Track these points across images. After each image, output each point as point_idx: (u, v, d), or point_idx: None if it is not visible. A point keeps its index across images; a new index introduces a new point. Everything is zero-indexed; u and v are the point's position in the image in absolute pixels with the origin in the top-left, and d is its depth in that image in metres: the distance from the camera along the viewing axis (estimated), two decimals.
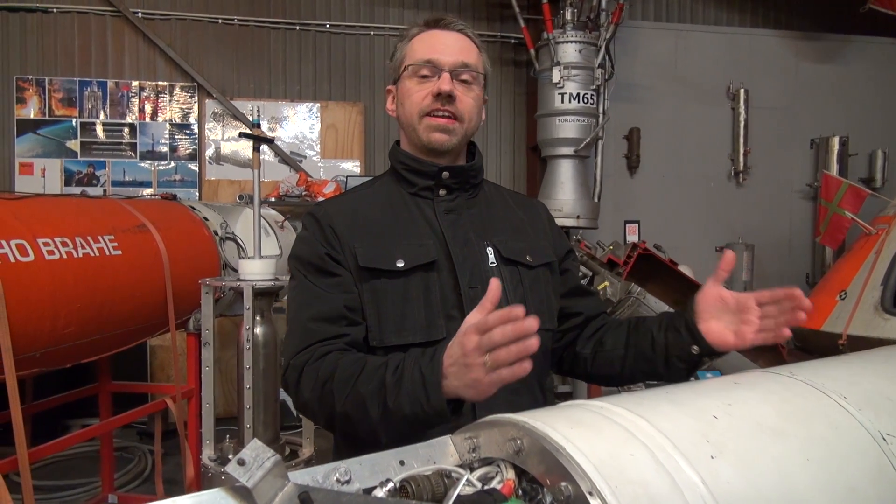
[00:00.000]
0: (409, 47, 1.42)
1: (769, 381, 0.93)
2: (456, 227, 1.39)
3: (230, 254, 3.90)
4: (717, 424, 0.77)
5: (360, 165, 6.36)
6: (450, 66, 1.36)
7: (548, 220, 1.60)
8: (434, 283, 1.34)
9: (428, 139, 1.38)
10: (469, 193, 1.44)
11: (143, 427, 5.17)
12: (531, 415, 0.75)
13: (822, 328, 5.01)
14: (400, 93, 1.43)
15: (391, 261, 1.32)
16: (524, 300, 1.37)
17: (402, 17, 6.51)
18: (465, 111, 1.38)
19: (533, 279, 1.42)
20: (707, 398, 0.84)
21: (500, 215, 1.48)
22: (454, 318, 1.32)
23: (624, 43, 6.50)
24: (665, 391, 0.87)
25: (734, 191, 7.03)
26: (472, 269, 1.36)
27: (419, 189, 1.42)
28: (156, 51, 6.09)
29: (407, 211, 1.40)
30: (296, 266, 1.41)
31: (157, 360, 5.64)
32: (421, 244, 1.35)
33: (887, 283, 4.77)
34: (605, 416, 0.75)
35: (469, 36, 1.43)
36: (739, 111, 6.87)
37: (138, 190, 6.01)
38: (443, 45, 1.38)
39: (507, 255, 1.41)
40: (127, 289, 3.11)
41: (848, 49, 7.14)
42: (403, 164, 1.43)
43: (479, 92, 1.41)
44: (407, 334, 1.31)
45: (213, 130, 6.20)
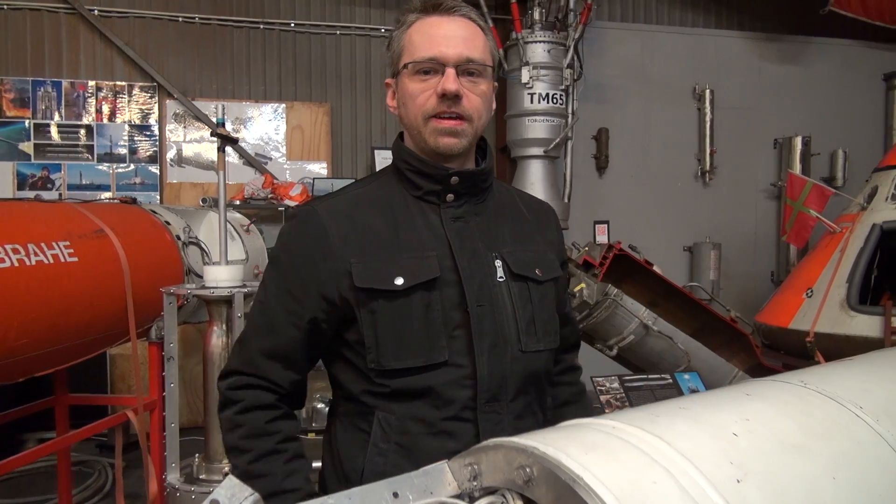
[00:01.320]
0: (406, 38, 1.27)
1: (782, 391, 0.88)
2: (463, 236, 1.27)
3: (193, 259, 3.75)
4: (739, 443, 0.71)
5: (328, 167, 6.24)
6: (454, 60, 1.23)
7: (557, 229, 1.50)
8: (437, 301, 1.23)
9: (436, 144, 1.25)
10: (478, 198, 1.32)
11: (103, 440, 4.98)
12: (539, 438, 0.68)
13: (790, 326, 5.06)
14: (401, 92, 1.29)
15: (389, 279, 1.21)
16: (532, 319, 1.29)
17: (369, 17, 6.42)
18: (473, 109, 1.26)
19: (542, 295, 1.33)
20: (722, 412, 0.78)
21: (510, 222, 1.37)
22: (457, 338, 1.23)
23: (591, 43, 6.51)
24: (677, 405, 0.80)
25: (701, 190, 7.09)
26: (480, 284, 1.25)
27: (425, 193, 1.29)
28: (113, 50, 5.89)
29: (409, 217, 1.28)
30: (269, 270, 1.34)
31: (117, 370, 5.44)
32: (424, 257, 1.24)
33: (852, 281, 4.84)
34: (620, 438, 0.68)
35: (473, 19, 1.28)
36: (705, 111, 6.93)
37: (96, 193, 5.79)
38: (445, 37, 1.24)
39: (518, 269, 1.30)
40: (84, 297, 2.96)
41: (809, 50, 7.26)
42: (408, 165, 1.30)
43: (486, 85, 1.28)
44: (406, 358, 1.22)
45: (175, 132, 6.02)
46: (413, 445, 1.22)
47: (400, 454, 1.22)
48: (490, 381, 1.23)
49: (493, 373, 1.23)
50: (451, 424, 1.22)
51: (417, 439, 1.22)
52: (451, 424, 1.22)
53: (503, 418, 1.24)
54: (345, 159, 6.37)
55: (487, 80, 1.29)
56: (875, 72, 7.38)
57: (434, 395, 1.22)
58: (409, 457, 1.20)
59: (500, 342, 1.25)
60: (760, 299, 6.55)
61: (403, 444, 1.22)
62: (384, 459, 1.22)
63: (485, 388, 1.22)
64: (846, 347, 4.64)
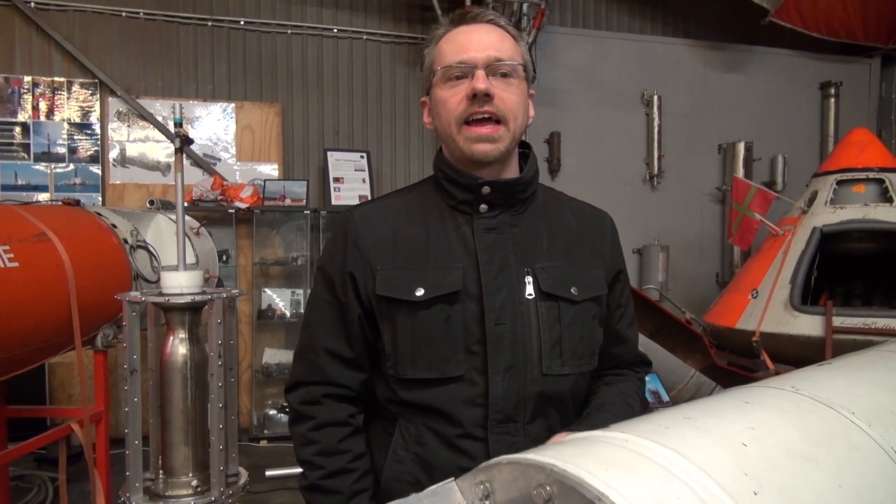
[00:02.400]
0: (437, 51, 1.26)
1: (777, 398, 0.88)
2: (494, 249, 1.24)
3: (142, 263, 3.61)
4: (750, 454, 0.71)
5: (279, 168, 6.11)
6: (483, 61, 1.20)
7: (611, 240, 1.40)
8: (457, 314, 1.21)
9: (470, 151, 1.22)
10: (515, 209, 1.28)
11: (42, 452, 4.74)
12: (553, 454, 0.66)
13: (737, 326, 5.23)
14: (434, 102, 1.27)
15: (410, 289, 1.21)
16: (559, 340, 1.24)
17: (321, 17, 6.32)
18: (508, 110, 1.22)
19: (575, 315, 1.26)
20: (728, 422, 0.77)
21: (551, 234, 1.30)
22: (476, 354, 1.20)
23: (543, 48, 6.57)
24: (681, 414, 0.80)
25: (649, 194, 7.25)
26: (504, 301, 1.21)
27: (458, 202, 1.27)
28: (51, 44, 5.63)
29: (442, 227, 1.26)
30: (316, 279, 1.36)
31: (56, 379, 5.21)
32: (450, 268, 1.22)
33: (795, 282, 5.03)
34: (635, 452, 0.67)
35: (502, 26, 1.27)
36: (653, 117, 7.08)
37: (33, 194, 5.53)
38: (473, 41, 1.22)
39: (548, 288, 1.24)
40: (25, 304, 2.80)
41: (751, 59, 7.51)
42: (443, 174, 1.29)
43: (520, 85, 1.25)
44: (422, 369, 1.21)
45: (118, 131, 5.79)
46: (429, 456, 1.23)
47: (416, 463, 1.23)
48: (504, 402, 1.20)
49: (509, 394, 1.20)
50: (464, 442, 1.21)
51: (434, 451, 1.23)
52: (464, 442, 1.21)
53: (518, 440, 1.21)
54: (296, 160, 6.25)
55: (521, 81, 1.25)
56: (812, 81, 7.70)
57: (448, 410, 1.21)
58: (425, 467, 1.23)
59: (520, 363, 1.21)
60: (706, 300, 6.74)
61: (420, 455, 1.24)
62: (401, 467, 1.24)
63: (497, 408, 1.20)
64: (790, 346, 4.81)
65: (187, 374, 2.36)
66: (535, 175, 1.32)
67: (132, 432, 2.27)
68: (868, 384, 0.97)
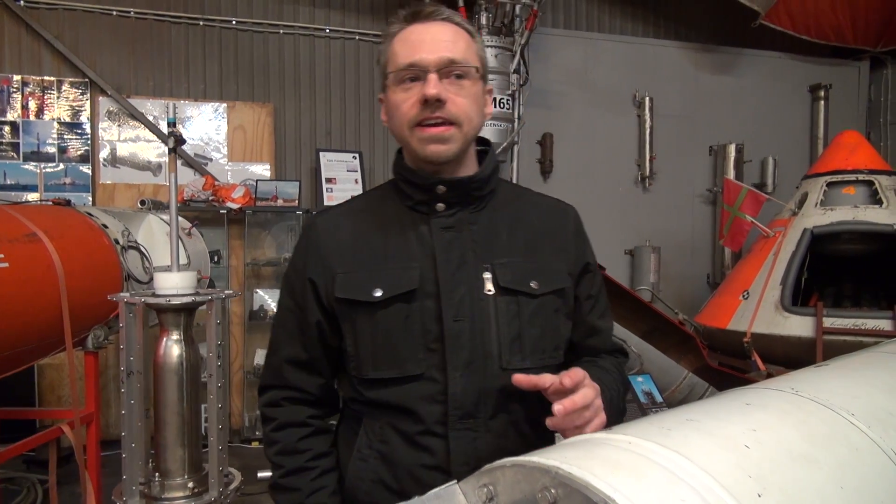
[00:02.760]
0: (390, 50, 1.26)
1: (778, 399, 0.88)
2: (452, 247, 1.25)
3: (133, 264, 3.59)
4: (752, 455, 0.71)
5: (271, 169, 6.08)
6: (435, 64, 1.20)
7: (574, 233, 1.39)
8: (416, 313, 1.22)
9: (423, 152, 1.23)
10: (473, 206, 1.29)
11: (31, 454, 4.70)
12: (557, 457, 0.65)
13: (728, 327, 5.25)
14: (388, 104, 1.28)
15: (368, 291, 1.23)
16: (519, 335, 1.24)
17: (313, 16, 6.30)
18: (461, 113, 1.22)
19: (535, 309, 1.26)
20: (729, 424, 0.78)
21: (511, 230, 1.31)
22: (435, 352, 1.21)
23: (536, 50, 6.58)
24: (683, 416, 0.80)
25: (641, 195, 7.27)
26: (462, 298, 1.22)
27: (415, 203, 1.29)
28: (41, 43, 5.58)
29: (400, 228, 1.28)
30: (283, 287, 1.39)
31: (45, 381, 5.16)
32: (406, 268, 1.24)
33: (786, 283, 5.05)
34: (639, 455, 0.67)
35: (456, 23, 1.26)
36: (645, 118, 7.11)
37: (22, 194, 5.48)
38: (425, 42, 1.22)
39: (506, 282, 1.24)
40: (16, 305, 2.78)
41: (742, 61, 7.55)
42: (401, 176, 1.31)
43: (474, 87, 1.25)
44: (383, 369, 1.23)
45: (109, 130, 5.75)
46: (392, 455, 1.24)
47: (380, 461, 1.25)
48: (463, 398, 1.21)
49: (468, 390, 1.21)
50: (425, 439, 1.22)
51: (396, 449, 1.24)
52: (425, 439, 1.22)
53: (479, 436, 1.21)
54: (288, 161, 6.23)
55: (474, 81, 1.25)
56: (801, 83, 7.75)
57: (409, 407, 1.22)
58: (388, 465, 1.24)
59: (479, 358, 1.21)
60: (697, 301, 6.77)
61: (383, 453, 1.25)
62: (365, 465, 1.26)
63: (457, 404, 1.20)
64: (781, 347, 4.84)
65: (183, 376, 2.34)
66: (492, 172, 1.33)
67: (129, 435, 2.25)
68: (865, 386, 0.98)
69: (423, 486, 1.19)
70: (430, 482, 1.19)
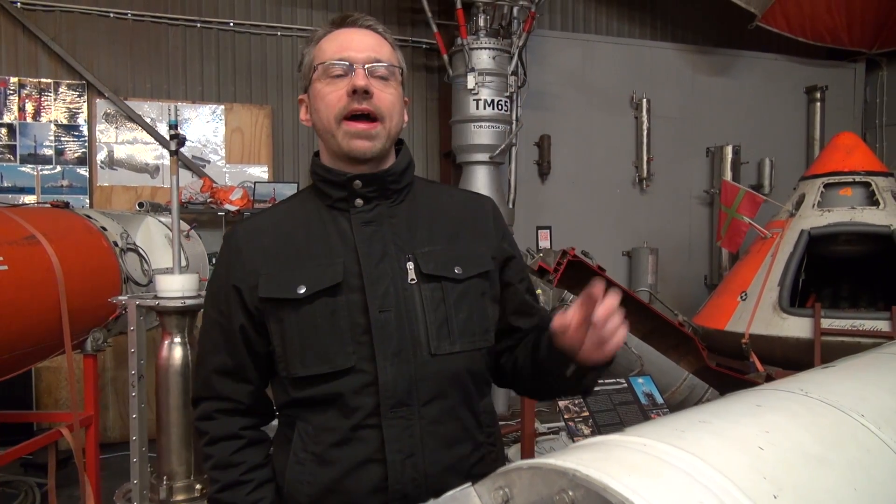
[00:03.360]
0: (317, 49, 1.30)
1: (788, 400, 0.89)
2: (373, 241, 1.27)
3: (132, 266, 3.58)
4: (766, 457, 0.71)
5: (269, 171, 6.08)
6: (363, 61, 1.25)
7: (493, 220, 1.42)
8: (342, 307, 1.24)
9: (349, 147, 1.26)
10: (391, 200, 1.32)
11: (29, 458, 4.67)
12: (575, 459, 0.65)
13: (726, 328, 5.26)
14: (312, 98, 1.30)
15: (292, 288, 1.24)
16: (446, 320, 1.26)
17: (311, 18, 6.30)
18: (385, 108, 1.26)
19: (461, 294, 1.29)
20: (742, 425, 0.78)
21: (431, 221, 1.34)
22: (364, 344, 1.22)
23: (534, 51, 6.59)
24: (696, 417, 0.80)
25: (638, 197, 7.28)
26: (386, 289, 1.24)
27: (334, 201, 1.31)
28: (38, 45, 5.56)
29: (322, 227, 1.30)
30: (206, 298, 1.40)
31: (43, 383, 5.14)
32: (329, 264, 1.25)
33: (784, 284, 5.07)
34: (655, 456, 0.67)
35: (380, 32, 1.32)
36: (642, 120, 7.12)
37: (18, 197, 5.46)
38: (353, 42, 1.27)
39: (428, 270, 1.27)
40: (14, 308, 2.77)
41: (738, 63, 7.58)
42: (318, 176, 1.33)
43: (397, 89, 1.30)
44: (311, 366, 1.23)
45: (106, 132, 5.73)
46: (326, 455, 1.24)
47: (316, 463, 1.24)
48: (395, 387, 1.22)
49: (399, 378, 1.22)
50: (359, 433, 1.23)
51: (329, 449, 1.24)
52: (359, 433, 1.23)
53: (413, 424, 1.22)
54: (286, 163, 6.23)
55: (397, 84, 1.30)
56: (798, 85, 7.78)
57: (341, 402, 1.23)
58: (324, 466, 1.24)
59: (407, 346, 1.23)
60: (694, 302, 6.78)
61: (318, 454, 1.24)
62: (302, 468, 1.25)
63: (388, 393, 1.22)
64: (779, 348, 4.85)
65: (188, 377, 2.34)
66: (407, 166, 1.35)
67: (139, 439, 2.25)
68: (873, 387, 0.98)
69: (361, 481, 1.21)
70: (368, 477, 1.21)
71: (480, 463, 1.30)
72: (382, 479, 1.21)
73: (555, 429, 3.89)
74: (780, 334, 4.86)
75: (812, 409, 0.86)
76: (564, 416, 2.70)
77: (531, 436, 3.16)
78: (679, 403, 3.63)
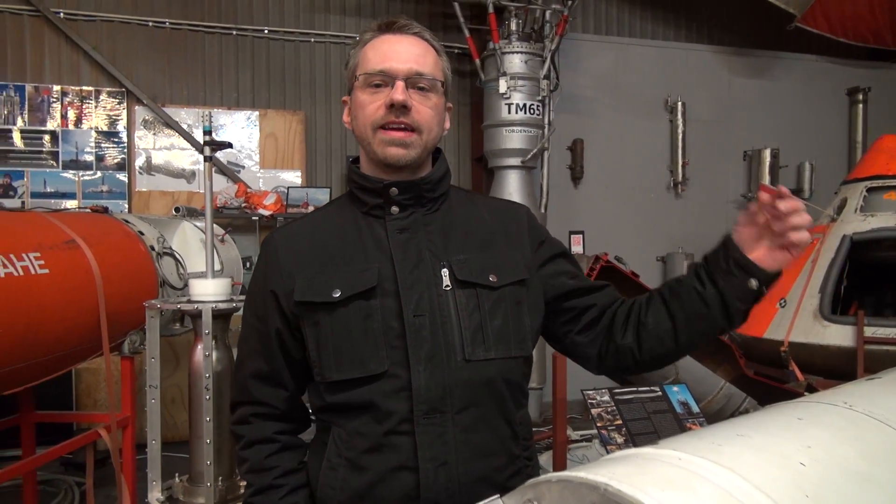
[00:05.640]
0: (361, 55, 1.31)
1: (831, 414, 0.85)
2: (408, 247, 1.28)
3: (168, 270, 3.64)
4: (808, 474, 0.68)
5: (302, 176, 6.14)
6: (404, 74, 1.26)
7: (529, 228, 1.41)
8: (376, 311, 1.24)
9: (384, 154, 1.27)
10: (427, 208, 1.32)
11: (69, 457, 4.78)
12: (607, 473, 0.63)
13: (764, 335, 5.13)
14: (353, 105, 1.32)
15: (327, 292, 1.25)
16: (481, 325, 1.25)
17: (343, 25, 6.36)
18: (423, 121, 1.27)
19: (496, 301, 1.28)
20: (783, 440, 0.75)
21: (466, 229, 1.34)
22: (397, 348, 1.22)
23: (566, 55, 6.55)
24: (734, 431, 0.77)
25: (673, 201, 7.18)
26: (421, 294, 1.24)
27: (370, 208, 1.32)
28: (80, 54, 5.72)
29: (357, 233, 1.31)
30: (245, 303, 1.42)
31: (83, 384, 5.25)
32: (364, 269, 1.26)
33: (825, 291, 4.93)
34: (691, 471, 0.65)
35: (426, 39, 1.32)
36: (677, 123, 7.02)
37: (60, 202, 5.61)
38: (396, 52, 1.27)
39: (463, 276, 1.27)
40: (55, 311, 2.84)
41: (777, 65, 7.42)
42: (355, 183, 1.34)
43: (437, 100, 1.30)
44: (345, 369, 1.23)
45: (144, 139, 5.86)
46: (359, 460, 1.23)
47: (349, 469, 1.24)
48: (428, 393, 1.21)
49: (432, 384, 1.21)
50: (392, 439, 1.22)
51: (362, 455, 1.23)
52: (392, 439, 1.22)
53: (447, 431, 1.21)
54: (319, 168, 6.29)
55: (438, 95, 1.30)
56: (839, 86, 7.59)
57: (374, 408, 1.22)
58: (356, 472, 1.23)
59: (441, 352, 1.22)
60: None
61: (351, 459, 1.24)
62: (334, 473, 1.25)
63: (421, 399, 1.20)
64: (820, 357, 4.72)
65: (219, 380, 2.36)
66: (444, 175, 1.35)
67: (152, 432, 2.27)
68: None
69: (392, 489, 1.20)
70: (399, 485, 1.20)
71: (516, 476, 1.27)
72: (414, 487, 1.19)
73: (587, 436, 3.84)
74: (820, 342, 4.72)
75: (857, 423, 0.83)
76: (597, 424, 2.66)
77: (563, 443, 3.12)
78: (716, 413, 3.54)
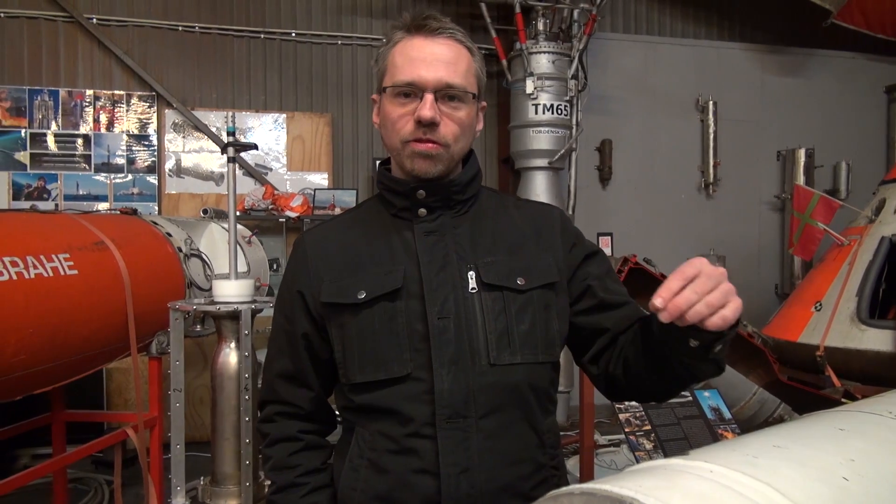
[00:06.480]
0: (390, 58, 1.26)
1: (875, 424, 0.80)
2: (434, 249, 1.26)
3: (195, 271, 3.66)
4: (852, 489, 0.63)
5: (329, 178, 6.16)
6: (433, 85, 1.21)
7: (561, 231, 1.36)
8: (400, 313, 1.23)
9: (412, 167, 1.25)
10: (455, 210, 1.30)
11: (99, 455, 4.85)
12: (633, 486, 0.60)
13: (799, 340, 5.01)
14: (382, 112, 1.28)
15: (353, 293, 1.25)
16: (507, 329, 1.22)
17: (370, 27, 6.37)
18: (451, 135, 1.24)
19: (523, 304, 1.25)
20: (824, 452, 0.70)
21: (495, 232, 1.31)
22: (421, 351, 1.20)
23: (594, 55, 6.47)
24: (770, 442, 0.72)
25: (704, 202, 7.05)
26: (447, 297, 1.22)
27: (399, 210, 1.31)
28: (112, 58, 5.81)
29: (385, 235, 1.30)
30: (276, 302, 1.43)
31: (113, 384, 5.33)
32: (390, 271, 1.25)
33: (862, 294, 4.79)
34: (724, 486, 0.60)
35: (459, 40, 1.26)
36: (709, 123, 6.90)
37: (93, 204, 5.70)
38: (425, 61, 1.22)
39: (489, 279, 1.24)
40: (84, 311, 2.87)
41: (811, 63, 7.25)
42: (383, 185, 1.34)
43: (468, 111, 1.26)
44: (369, 372, 1.22)
45: (174, 142, 5.93)
46: (381, 462, 1.23)
47: (371, 470, 1.23)
48: (451, 397, 1.18)
49: (455, 387, 1.19)
50: (413, 441, 1.20)
51: (383, 457, 1.22)
52: (413, 441, 1.20)
53: (470, 437, 1.18)
54: (346, 170, 6.30)
55: (469, 106, 1.26)
56: (877, 84, 7.38)
57: (397, 410, 1.21)
58: (378, 474, 1.22)
59: (466, 355, 1.20)
60: (764, 312, 6.49)
61: (373, 460, 1.23)
62: (356, 475, 1.25)
63: (444, 403, 1.18)
64: (858, 362, 4.58)
65: (242, 381, 2.36)
66: (473, 177, 1.33)
67: (175, 436, 2.27)
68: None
69: (413, 493, 1.18)
70: (420, 488, 1.18)
71: (542, 486, 1.23)
72: (435, 492, 1.17)
73: (615, 441, 3.77)
74: (858, 347, 4.58)
75: None
76: (625, 430, 2.60)
77: (591, 448, 3.07)
78: (748, 419, 3.45)
